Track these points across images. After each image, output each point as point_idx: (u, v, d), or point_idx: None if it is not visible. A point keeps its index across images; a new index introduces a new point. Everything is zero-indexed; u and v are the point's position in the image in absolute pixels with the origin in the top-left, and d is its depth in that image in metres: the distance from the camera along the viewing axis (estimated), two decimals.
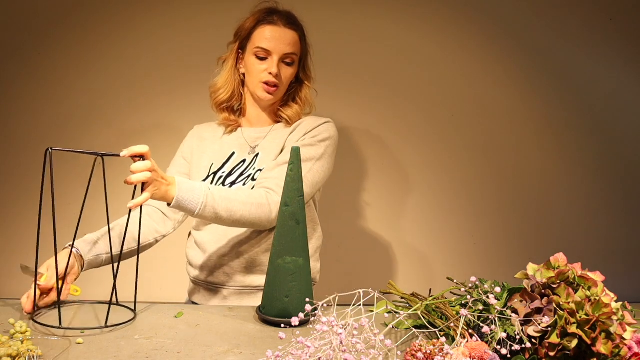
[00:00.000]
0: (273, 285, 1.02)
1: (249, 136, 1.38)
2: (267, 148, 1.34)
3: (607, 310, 0.73)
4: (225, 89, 1.38)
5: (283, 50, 1.30)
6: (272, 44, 1.29)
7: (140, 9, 1.97)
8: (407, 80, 2.01)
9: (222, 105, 1.40)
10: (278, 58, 1.30)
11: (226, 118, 1.40)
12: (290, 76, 1.35)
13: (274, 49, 1.29)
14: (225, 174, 1.33)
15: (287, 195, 1.02)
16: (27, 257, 2.02)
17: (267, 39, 1.30)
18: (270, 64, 1.30)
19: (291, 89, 1.40)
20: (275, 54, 1.29)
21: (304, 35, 1.37)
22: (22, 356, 0.77)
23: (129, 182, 0.98)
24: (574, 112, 2.04)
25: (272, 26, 1.30)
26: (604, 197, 2.06)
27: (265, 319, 1.02)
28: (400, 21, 1.99)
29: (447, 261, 2.06)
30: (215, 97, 1.40)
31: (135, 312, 1.06)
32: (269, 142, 1.36)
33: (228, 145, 1.38)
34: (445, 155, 2.04)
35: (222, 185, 1.31)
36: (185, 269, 1.43)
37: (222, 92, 1.38)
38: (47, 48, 1.97)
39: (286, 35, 1.31)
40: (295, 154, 1.02)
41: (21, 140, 2.00)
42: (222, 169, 1.34)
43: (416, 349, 0.73)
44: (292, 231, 1.01)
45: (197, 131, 1.45)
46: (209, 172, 1.34)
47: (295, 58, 1.33)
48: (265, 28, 1.31)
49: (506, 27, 2.00)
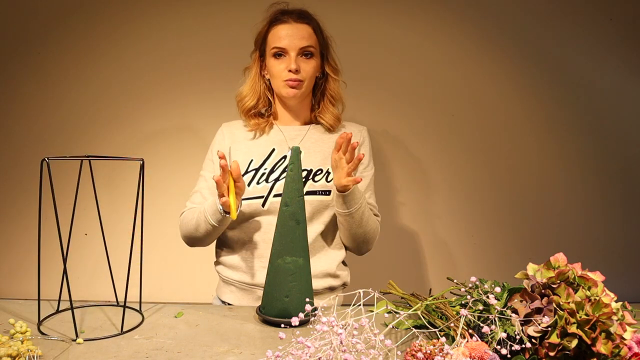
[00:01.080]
0: (273, 285, 1.02)
1: (288, 134, 1.38)
2: (309, 148, 1.35)
3: (607, 310, 0.73)
4: (251, 96, 1.38)
5: (298, 44, 1.29)
6: (286, 41, 1.29)
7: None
8: (406, 80, 2.01)
9: (250, 112, 1.39)
10: (295, 53, 1.29)
11: (256, 123, 1.38)
12: (312, 69, 1.33)
13: (289, 45, 1.29)
14: (267, 171, 1.32)
15: (287, 195, 1.02)
16: (27, 257, 2.02)
17: (280, 37, 1.30)
18: (288, 61, 1.29)
19: (320, 86, 1.39)
20: (291, 50, 1.29)
21: (319, 28, 1.35)
22: (22, 356, 0.77)
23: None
24: (574, 112, 2.04)
25: (284, 24, 1.31)
26: (603, 197, 2.06)
27: (266, 319, 1.02)
28: (400, 21, 1.99)
29: (447, 261, 2.06)
30: (242, 105, 1.39)
31: (141, 312, 1.06)
32: (310, 143, 1.36)
33: (266, 142, 1.37)
34: (444, 156, 2.04)
35: (266, 182, 1.31)
36: (212, 267, 1.42)
37: (248, 100, 1.38)
38: (48, 48, 1.98)
39: (299, 30, 1.30)
40: (296, 154, 1.02)
41: (21, 141, 2.00)
42: (264, 166, 1.33)
43: (416, 349, 0.73)
44: (292, 231, 1.01)
45: (229, 129, 1.42)
46: (248, 168, 1.33)
47: (313, 50, 1.32)
48: (278, 27, 1.31)
49: (506, 27, 2.00)
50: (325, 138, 1.39)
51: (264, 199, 1.28)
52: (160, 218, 1.95)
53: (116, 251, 1.24)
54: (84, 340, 0.90)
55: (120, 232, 2.08)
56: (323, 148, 1.37)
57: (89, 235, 1.96)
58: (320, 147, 1.37)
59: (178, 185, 1.99)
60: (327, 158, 1.35)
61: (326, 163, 1.35)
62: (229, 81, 1.99)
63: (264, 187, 1.29)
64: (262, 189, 1.29)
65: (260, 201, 1.28)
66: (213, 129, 2.08)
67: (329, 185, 1.32)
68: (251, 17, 1.38)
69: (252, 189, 1.29)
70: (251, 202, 1.28)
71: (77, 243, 2.02)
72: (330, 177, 1.33)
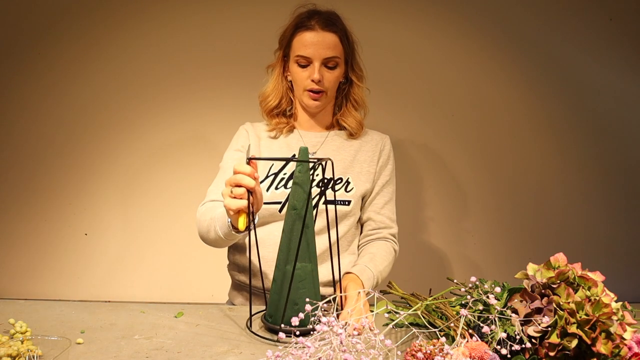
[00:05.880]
0: (281, 293, 0.96)
1: (308, 140, 1.36)
2: (330, 156, 1.31)
3: (607, 310, 0.73)
4: (274, 95, 1.36)
5: (323, 55, 1.27)
6: (311, 50, 1.26)
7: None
8: (406, 81, 2.01)
9: (272, 112, 1.38)
10: (319, 63, 1.27)
11: (278, 122, 1.37)
12: (335, 80, 1.31)
13: (314, 55, 1.26)
14: (287, 176, 1.30)
15: (296, 198, 0.96)
16: (27, 257, 2.02)
17: (305, 45, 1.27)
18: (312, 70, 1.27)
19: (343, 90, 1.38)
20: (316, 60, 1.27)
21: (346, 35, 1.32)
22: (22, 356, 0.77)
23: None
24: (574, 112, 2.04)
25: (310, 32, 1.27)
26: (604, 197, 2.06)
27: (274, 328, 0.95)
28: (400, 22, 1.99)
29: (447, 261, 2.06)
30: (265, 105, 1.38)
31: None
32: (330, 150, 1.35)
33: (287, 147, 1.35)
34: (444, 155, 2.04)
35: (284, 188, 1.28)
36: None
37: (271, 99, 1.36)
38: (48, 48, 1.98)
39: (325, 39, 1.27)
40: (304, 154, 0.97)
41: (21, 141, 2.00)
42: (283, 171, 1.31)
43: (416, 349, 0.73)
44: (302, 236, 0.95)
45: (252, 129, 1.40)
46: (268, 173, 1.31)
47: (338, 61, 1.30)
48: (303, 34, 1.28)
49: (507, 27, 2.00)
50: (346, 145, 1.37)
51: (282, 205, 1.27)
52: (161, 218, 1.96)
53: (118, 250, 1.23)
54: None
55: (126, 231, 2.08)
56: (344, 156, 1.35)
57: (89, 235, 1.96)
58: (340, 155, 1.35)
59: (178, 185, 2.00)
60: (348, 167, 1.34)
61: (346, 172, 1.34)
62: (230, 80, 2.00)
63: (282, 192, 1.28)
64: (280, 195, 1.28)
65: (277, 207, 1.27)
66: (214, 127, 2.08)
67: (348, 195, 1.31)
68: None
69: (270, 194, 1.28)
70: (269, 207, 1.26)
71: (77, 243, 2.03)
72: (350, 187, 1.32)
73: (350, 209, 1.31)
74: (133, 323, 1.00)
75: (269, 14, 1.46)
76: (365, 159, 1.36)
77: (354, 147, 1.37)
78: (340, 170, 1.34)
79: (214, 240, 1.17)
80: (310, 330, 0.75)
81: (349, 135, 1.39)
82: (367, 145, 1.39)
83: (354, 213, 1.32)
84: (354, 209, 1.32)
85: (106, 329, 0.96)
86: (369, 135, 1.41)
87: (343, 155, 1.35)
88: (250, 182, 0.95)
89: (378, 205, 1.36)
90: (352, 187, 1.32)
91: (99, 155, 1.99)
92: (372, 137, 1.41)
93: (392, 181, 1.40)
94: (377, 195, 1.36)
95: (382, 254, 1.30)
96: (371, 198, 1.36)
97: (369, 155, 1.37)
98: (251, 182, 0.95)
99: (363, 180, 1.34)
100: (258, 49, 1.52)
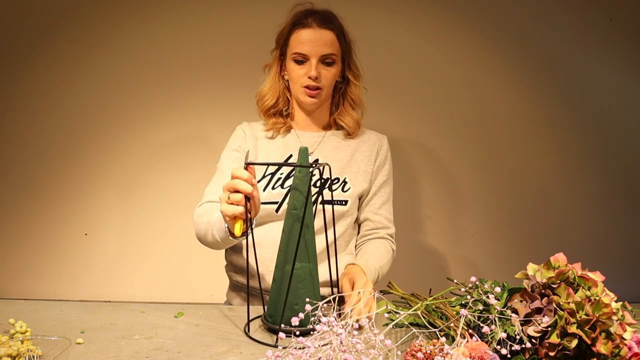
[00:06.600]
0: (281, 293, 0.96)
1: (305, 140, 1.36)
2: (326, 156, 1.34)
3: (607, 310, 0.73)
4: (270, 94, 1.36)
5: (320, 51, 1.27)
6: (308, 47, 1.27)
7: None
8: (405, 80, 2.01)
9: (269, 111, 1.38)
10: (316, 60, 1.27)
11: (275, 122, 1.37)
12: (332, 77, 1.32)
13: (310, 52, 1.27)
14: (283, 177, 1.30)
15: (295, 198, 0.96)
16: (27, 257, 2.02)
17: (302, 42, 1.27)
18: (309, 67, 1.28)
19: (340, 89, 1.38)
20: (313, 56, 1.27)
21: (343, 33, 1.32)
22: (22, 356, 0.77)
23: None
24: (574, 112, 2.04)
25: (307, 29, 1.28)
26: (604, 197, 2.06)
27: (274, 328, 0.94)
28: (400, 22, 1.99)
29: (447, 261, 2.06)
30: (261, 104, 1.38)
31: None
32: (327, 150, 1.35)
33: (284, 147, 1.35)
34: (444, 155, 2.04)
35: (281, 188, 1.28)
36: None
37: (268, 98, 1.36)
38: (48, 48, 1.98)
39: (322, 36, 1.28)
40: (304, 154, 0.96)
41: (21, 141, 2.00)
42: (280, 171, 1.31)
43: (416, 349, 0.73)
44: (301, 236, 0.94)
45: (249, 128, 1.40)
46: (265, 172, 1.31)
47: (335, 58, 1.30)
48: (300, 32, 1.28)
49: (507, 27, 2.01)
50: (343, 145, 1.37)
51: (278, 205, 1.27)
52: (161, 218, 1.96)
53: (117, 250, 1.23)
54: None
55: (126, 231, 2.08)
56: (341, 156, 1.35)
57: (89, 235, 1.96)
58: (338, 154, 1.35)
59: (178, 185, 2.00)
60: (345, 167, 1.34)
61: (343, 172, 1.34)
62: (229, 80, 2.00)
63: (278, 192, 1.28)
64: (276, 195, 1.28)
65: (274, 207, 1.27)
66: (213, 126, 2.08)
67: (345, 195, 1.31)
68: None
69: (267, 194, 1.28)
70: (265, 207, 1.26)
71: (77, 243, 2.03)
72: (347, 187, 1.32)
73: (347, 208, 1.31)
74: (133, 323, 1.00)
75: (268, 14, 1.45)
76: (362, 158, 1.36)
77: (351, 147, 1.37)
78: (338, 170, 1.34)
79: (212, 243, 1.17)
80: (310, 330, 0.75)
81: (346, 135, 1.39)
82: (365, 145, 1.39)
83: (351, 213, 1.32)
84: (351, 208, 1.32)
85: (106, 329, 0.96)
86: (366, 135, 1.41)
87: (340, 155, 1.36)
88: (248, 188, 0.94)
89: (375, 205, 1.36)
90: (349, 187, 1.32)
91: (98, 155, 1.99)
92: (369, 137, 1.41)
93: (389, 181, 1.40)
94: (374, 196, 1.37)
95: (382, 252, 1.30)
96: (368, 198, 1.37)
97: (366, 155, 1.37)
98: (248, 188, 0.94)
99: (360, 180, 1.34)
100: (257, 49, 1.52)
